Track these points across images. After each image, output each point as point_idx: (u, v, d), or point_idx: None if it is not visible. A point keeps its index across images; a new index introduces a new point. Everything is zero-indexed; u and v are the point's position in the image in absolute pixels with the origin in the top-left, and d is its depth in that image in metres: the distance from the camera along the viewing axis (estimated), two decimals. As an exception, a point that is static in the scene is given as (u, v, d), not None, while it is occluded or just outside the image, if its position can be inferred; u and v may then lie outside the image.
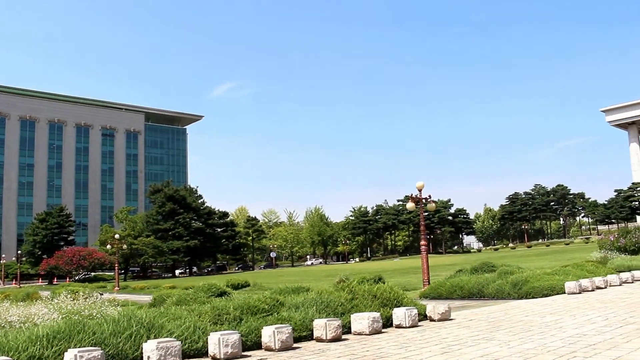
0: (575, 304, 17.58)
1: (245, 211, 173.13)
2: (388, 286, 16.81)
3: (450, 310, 15.96)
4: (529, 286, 21.23)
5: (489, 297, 21.86)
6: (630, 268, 28.08)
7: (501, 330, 13.03)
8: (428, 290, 25.18)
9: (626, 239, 39.41)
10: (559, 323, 13.71)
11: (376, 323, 13.66)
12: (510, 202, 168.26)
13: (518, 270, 24.97)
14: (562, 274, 23.54)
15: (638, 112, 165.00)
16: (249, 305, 13.68)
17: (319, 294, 15.36)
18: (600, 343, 10.74)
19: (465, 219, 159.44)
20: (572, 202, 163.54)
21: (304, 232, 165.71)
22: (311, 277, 57.53)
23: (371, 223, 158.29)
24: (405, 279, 43.07)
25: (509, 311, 16.90)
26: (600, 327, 12.65)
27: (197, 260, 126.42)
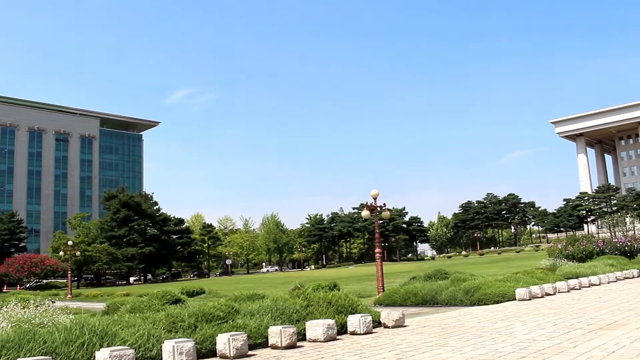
0: (526, 310, 17.96)
1: (201, 218, 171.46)
2: (343, 293, 16.89)
3: (404, 316, 16.12)
4: (481, 293, 21.58)
5: (442, 304, 22.14)
6: (578, 275, 28.82)
7: (454, 337, 13.23)
8: (382, 297, 25.34)
9: (574, 247, 40.48)
10: (509, 329, 14.00)
11: (331, 330, 13.71)
12: (464, 210, 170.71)
13: (470, 278, 25.35)
14: (513, 281, 24.02)
15: (586, 124, 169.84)
16: (203, 313, 13.57)
17: (275, 301, 15.34)
18: (549, 348, 11.02)
19: (420, 227, 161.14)
20: (523, 211, 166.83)
21: (259, 239, 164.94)
22: (267, 284, 57.30)
23: (327, 231, 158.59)
24: (360, 286, 43.28)
25: (462, 317, 17.16)
26: (549, 333, 12.98)
27: (152, 268, 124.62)
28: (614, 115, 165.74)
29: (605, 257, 37.06)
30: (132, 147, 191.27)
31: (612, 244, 40.93)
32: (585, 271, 30.07)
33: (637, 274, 32.03)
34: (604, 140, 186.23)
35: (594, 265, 32.20)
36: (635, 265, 33.72)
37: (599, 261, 34.69)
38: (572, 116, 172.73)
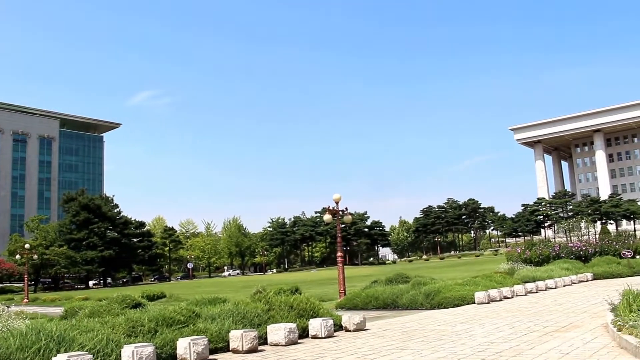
0: (485, 313, 18.24)
1: (163, 221, 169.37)
2: (304, 297, 16.90)
3: (365, 320, 16.21)
4: (441, 296, 21.83)
5: (403, 308, 22.32)
6: (535, 279, 29.37)
7: (414, 340, 13.36)
8: (344, 301, 25.43)
9: (531, 251, 41.24)
10: (469, 332, 14.20)
11: (292, 334, 13.73)
12: (425, 215, 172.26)
13: (431, 281, 25.64)
14: (472, 285, 24.36)
15: (543, 132, 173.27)
16: (164, 317, 13.45)
17: (236, 305, 15.29)
18: (506, 350, 11.23)
19: (381, 231, 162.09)
20: (482, 216, 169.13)
21: (221, 243, 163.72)
22: (228, 288, 56.94)
23: (289, 234, 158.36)
24: (322, 289, 43.32)
25: (422, 321, 17.34)
26: (507, 335, 13.21)
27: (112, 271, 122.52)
28: (570, 123, 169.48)
29: (561, 261, 37.83)
30: (93, 148, 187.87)
31: (568, 248, 41.79)
32: (542, 275, 30.66)
33: (591, 278, 32.81)
34: (561, 147, 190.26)
35: (551, 269, 32.84)
36: (590, 269, 34.52)
37: (555, 265, 35.40)
38: (531, 123, 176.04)
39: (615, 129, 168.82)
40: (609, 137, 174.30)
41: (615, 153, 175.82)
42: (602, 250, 40.30)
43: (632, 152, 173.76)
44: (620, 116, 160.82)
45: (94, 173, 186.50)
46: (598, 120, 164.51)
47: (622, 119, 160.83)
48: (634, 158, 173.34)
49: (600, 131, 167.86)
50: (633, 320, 11.37)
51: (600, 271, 33.75)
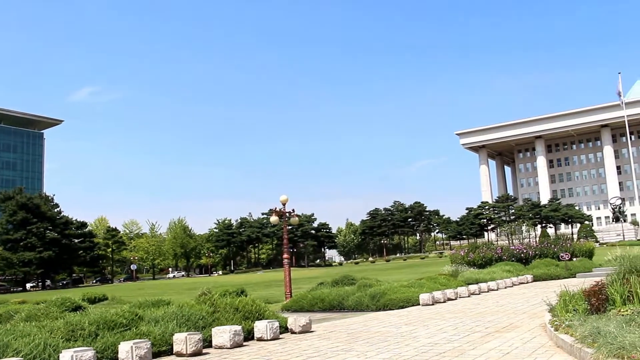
0: (429, 315, 18.48)
1: (105, 222, 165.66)
2: (250, 299, 16.79)
3: (311, 322, 16.21)
4: (387, 298, 22.00)
5: (349, 309, 22.40)
6: (478, 280, 29.96)
7: (360, 342, 13.42)
8: (290, 302, 25.38)
9: (475, 254, 42.05)
10: (413, 333, 14.35)
11: (238, 336, 13.61)
12: (371, 217, 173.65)
13: (377, 283, 25.82)
14: (417, 287, 24.65)
15: (488, 137, 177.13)
16: (105, 320, 13.13)
17: (180, 307, 15.05)
18: (449, 351, 11.39)
19: (328, 233, 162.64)
20: (428, 219, 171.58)
21: (166, 244, 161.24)
22: (173, 290, 56.17)
23: (235, 236, 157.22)
24: (268, 291, 43.18)
25: (368, 323, 17.44)
26: (450, 336, 13.41)
27: (52, 273, 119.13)
28: (513, 129, 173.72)
29: (503, 263, 38.70)
30: (32, 145, 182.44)
31: (510, 251, 42.75)
32: (485, 277, 31.30)
33: (531, 279, 33.69)
34: (505, 152, 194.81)
35: (493, 271, 33.56)
36: (530, 271, 35.43)
37: (498, 267, 36.19)
38: (476, 129, 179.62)
39: (556, 135, 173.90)
40: (550, 143, 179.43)
41: (555, 159, 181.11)
42: (541, 253, 41.40)
43: (571, 158, 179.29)
44: (560, 124, 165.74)
45: (33, 171, 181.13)
46: (539, 127, 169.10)
47: (562, 126, 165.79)
48: (572, 164, 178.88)
49: (542, 138, 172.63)
50: (569, 320, 11.72)
51: (540, 273, 34.71)
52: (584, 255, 42.69)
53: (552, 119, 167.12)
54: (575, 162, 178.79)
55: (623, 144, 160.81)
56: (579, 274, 34.73)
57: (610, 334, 9.19)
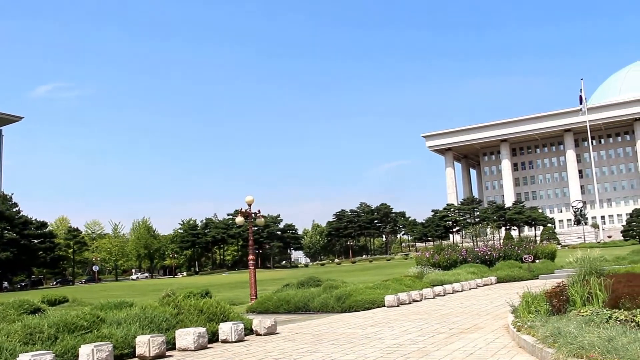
0: (394, 316, 18.57)
1: (67, 222, 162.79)
2: (215, 301, 16.66)
3: (276, 324, 16.16)
4: (352, 300, 22.05)
5: (315, 311, 22.39)
6: (443, 282, 30.23)
7: (325, 343, 13.41)
8: (255, 304, 25.27)
9: (440, 256, 42.44)
10: (378, 334, 14.40)
11: (202, 338, 13.48)
12: (338, 219, 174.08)
13: (342, 285, 25.85)
14: (382, 288, 24.76)
15: (453, 140, 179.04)
16: (65, 323, 12.87)
17: (143, 309, 14.85)
18: (414, 352, 11.45)
19: (294, 235, 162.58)
20: (394, 221, 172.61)
21: (129, 245, 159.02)
22: (136, 292, 55.46)
23: (200, 237, 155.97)
24: (233, 293, 42.95)
25: (333, 324, 17.45)
26: (415, 337, 13.49)
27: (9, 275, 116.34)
28: (479, 132, 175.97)
29: (468, 265, 39.16)
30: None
31: (474, 253, 43.27)
32: (450, 278, 31.61)
33: (495, 281, 34.13)
34: (470, 155, 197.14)
35: (458, 273, 33.91)
36: (494, 273, 35.89)
37: (462, 269, 36.59)
38: (442, 131, 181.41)
39: (520, 139, 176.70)
40: (515, 147, 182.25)
41: (520, 162, 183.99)
42: (505, 255, 41.98)
43: (535, 162, 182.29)
44: (524, 128, 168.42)
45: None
46: (504, 130, 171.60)
47: (526, 130, 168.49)
48: (536, 168, 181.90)
49: (507, 141, 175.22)
50: (531, 320, 11.91)
51: (504, 275, 35.18)
52: (546, 257, 43.40)
53: (516, 122, 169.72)
54: (539, 165, 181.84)
55: (585, 149, 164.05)
56: (541, 275, 35.27)
57: (570, 334, 9.36)
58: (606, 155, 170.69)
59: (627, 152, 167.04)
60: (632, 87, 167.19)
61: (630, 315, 9.91)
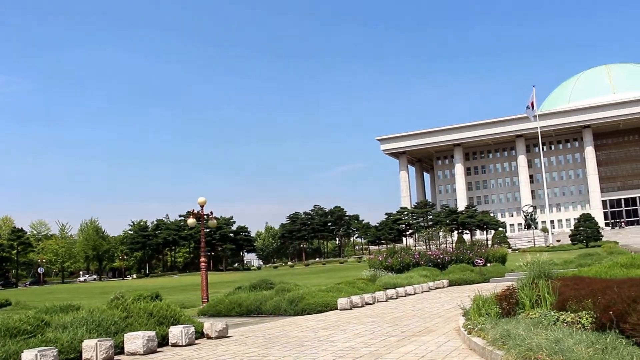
0: (347, 319, 18.56)
1: (10, 222, 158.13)
2: (165, 303, 16.38)
3: (227, 327, 15.98)
4: (305, 303, 21.99)
5: (267, 314, 22.25)
6: (396, 285, 30.40)
7: (277, 346, 13.30)
8: (207, 307, 24.99)
9: (393, 259, 42.68)
10: (331, 337, 14.35)
11: (151, 342, 13.22)
12: (291, 221, 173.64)
13: (295, 288, 25.76)
14: (335, 291, 24.75)
15: (407, 144, 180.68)
16: (7, 327, 12.44)
17: (91, 312, 14.48)
18: (366, 355, 11.44)
19: (247, 237, 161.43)
20: (347, 223, 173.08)
21: (77, 246, 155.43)
22: (83, 295, 54.28)
23: (151, 238, 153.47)
24: (185, 296, 42.38)
25: (285, 327, 17.34)
26: (367, 340, 13.48)
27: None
28: (433, 137, 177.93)
29: (421, 268, 39.47)
30: None
31: (427, 256, 43.64)
32: (402, 281, 31.80)
33: (447, 284, 34.50)
34: (424, 159, 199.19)
35: (410, 276, 34.14)
36: (446, 276, 36.29)
37: (415, 272, 36.87)
38: (396, 135, 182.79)
39: (473, 144, 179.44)
40: (468, 151, 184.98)
41: (473, 167, 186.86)
42: (457, 258, 42.46)
43: (487, 166, 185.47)
44: (477, 133, 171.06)
45: None
46: (458, 135, 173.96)
47: (479, 135, 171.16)
48: (488, 172, 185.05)
49: (460, 146, 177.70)
50: (481, 323, 12.06)
51: (456, 278, 35.59)
52: (497, 260, 44.12)
53: (470, 127, 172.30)
54: (491, 170, 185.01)
55: (536, 154, 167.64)
56: (492, 278, 35.84)
57: (519, 337, 9.50)
58: (556, 161, 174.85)
59: (576, 159, 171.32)
60: (581, 95, 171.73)
61: (577, 317, 10.10)
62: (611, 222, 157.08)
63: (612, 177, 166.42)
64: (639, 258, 19.97)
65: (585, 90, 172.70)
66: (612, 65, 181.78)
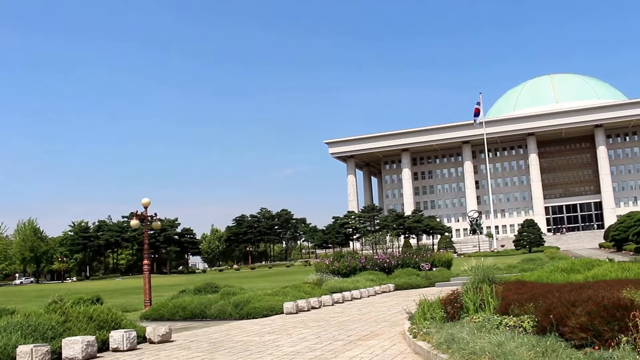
0: (292, 324, 18.45)
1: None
2: (106, 307, 15.97)
3: (171, 331, 15.69)
4: (250, 307, 21.79)
5: (212, 318, 21.95)
6: (342, 289, 30.44)
7: (221, 351, 13.11)
8: (150, 311, 24.49)
9: (340, 263, 42.76)
10: (276, 342, 14.23)
11: (91, 347, 12.84)
12: (237, 224, 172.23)
13: (240, 291, 25.51)
14: (281, 295, 24.61)
15: (356, 147, 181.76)
16: None
17: (26, 316, 13.97)
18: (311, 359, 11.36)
19: (192, 239, 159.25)
20: (294, 227, 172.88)
21: (13, 247, 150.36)
22: (19, 298, 52.57)
23: (92, 239, 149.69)
24: (127, 299, 41.52)
25: (230, 331, 17.13)
26: (313, 345, 13.40)
27: None
28: (381, 141, 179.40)
29: (367, 272, 39.67)
30: None
31: (373, 260, 43.89)
32: (349, 285, 31.89)
33: (393, 288, 34.74)
34: (372, 163, 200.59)
35: (357, 280, 34.25)
36: (392, 280, 36.53)
37: (361, 276, 37.01)
38: (345, 138, 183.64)
39: (421, 149, 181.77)
40: (415, 156, 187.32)
41: (420, 172, 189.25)
42: (403, 262, 42.84)
43: (434, 172, 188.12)
44: (425, 138, 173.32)
45: None
46: (406, 140, 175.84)
47: (427, 140, 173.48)
48: (435, 177, 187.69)
49: (408, 150, 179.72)
50: (426, 327, 12.14)
51: (402, 282, 35.85)
52: (443, 265, 44.70)
53: (418, 133, 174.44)
54: (438, 175, 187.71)
55: (482, 160, 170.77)
56: (437, 283, 36.26)
57: (463, 340, 9.59)
58: (501, 167, 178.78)
59: (520, 165, 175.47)
60: (526, 103, 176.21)
61: (519, 321, 10.27)
62: (553, 228, 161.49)
63: (555, 184, 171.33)
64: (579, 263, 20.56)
65: (530, 98, 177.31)
66: (556, 75, 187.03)
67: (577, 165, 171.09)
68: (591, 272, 17.82)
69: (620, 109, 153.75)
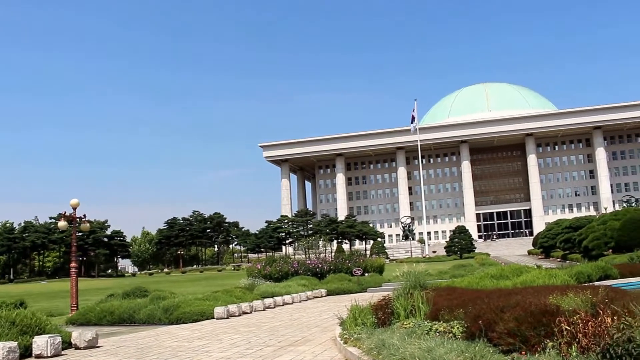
0: (223, 329, 18.27)
1: None
2: (30, 312, 15.41)
3: (98, 337, 15.30)
4: (180, 311, 21.49)
5: (141, 323, 21.53)
6: (274, 294, 30.37)
7: (149, 357, 12.86)
8: (76, 315, 23.80)
9: (272, 267, 42.63)
10: (206, 347, 14.05)
11: (12, 353, 12.39)
12: (169, 227, 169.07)
13: (170, 296, 25.12)
14: (212, 300, 24.36)
15: (290, 151, 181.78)
16: None
17: (-57, 321, 13.32)
18: (242, 366, 11.27)
19: (122, 242, 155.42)
20: (227, 230, 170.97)
21: None
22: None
23: (17, 241, 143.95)
24: (52, 303, 40.19)
25: (159, 337, 16.83)
26: (243, 351, 13.31)
27: None
28: (315, 145, 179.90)
29: (299, 277, 39.66)
30: None
31: (306, 265, 43.91)
32: (281, 290, 31.81)
33: (325, 294, 34.89)
34: (306, 167, 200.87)
35: (289, 285, 34.22)
36: (324, 285, 36.67)
37: (293, 281, 36.98)
38: (279, 142, 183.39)
39: (355, 154, 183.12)
40: (350, 162, 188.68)
41: (354, 177, 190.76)
42: (336, 267, 43.01)
43: (368, 177, 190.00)
44: (359, 143, 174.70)
45: None
46: (340, 145, 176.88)
47: (361, 146, 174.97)
48: (369, 183, 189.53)
49: (342, 155, 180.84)
50: (357, 333, 12.23)
51: (334, 287, 36.00)
52: (375, 270, 45.12)
53: (352, 138, 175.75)
54: (372, 181, 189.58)
55: (415, 167, 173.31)
56: (370, 288, 36.54)
57: (393, 346, 9.70)
58: (434, 174, 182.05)
59: (453, 172, 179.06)
60: (460, 110, 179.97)
61: (449, 326, 10.46)
62: (484, 235, 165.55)
63: (486, 191, 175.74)
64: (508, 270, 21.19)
65: (464, 106, 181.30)
66: (489, 83, 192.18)
67: (508, 173, 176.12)
68: (520, 279, 18.38)
69: (550, 118, 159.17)
